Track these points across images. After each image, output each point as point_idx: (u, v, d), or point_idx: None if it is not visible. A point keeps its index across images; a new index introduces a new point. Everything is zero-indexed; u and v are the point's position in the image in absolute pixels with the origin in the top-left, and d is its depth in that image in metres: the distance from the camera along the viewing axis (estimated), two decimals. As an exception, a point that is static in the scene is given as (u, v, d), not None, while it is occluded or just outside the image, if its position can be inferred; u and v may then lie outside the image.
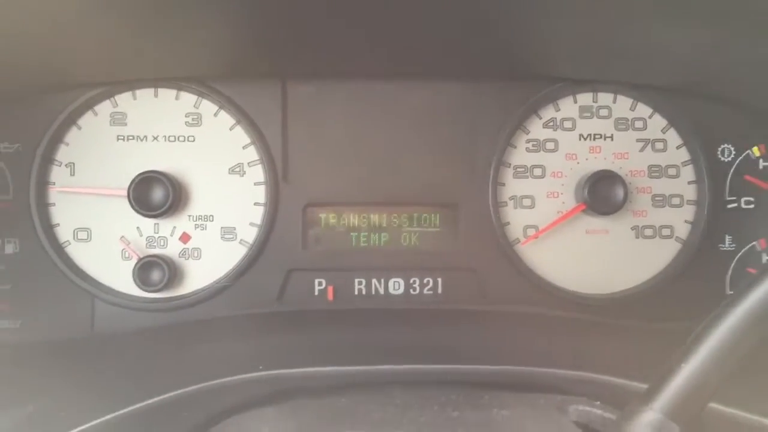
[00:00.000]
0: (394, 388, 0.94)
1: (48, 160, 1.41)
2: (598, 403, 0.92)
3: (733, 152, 1.45)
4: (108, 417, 0.81)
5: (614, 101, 1.46)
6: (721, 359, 0.74)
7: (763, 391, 0.96)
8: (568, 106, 1.46)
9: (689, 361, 0.75)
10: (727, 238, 1.45)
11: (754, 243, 1.45)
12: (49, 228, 1.41)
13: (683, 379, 0.75)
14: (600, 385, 1.01)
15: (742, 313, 0.77)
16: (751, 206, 1.45)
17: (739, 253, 1.44)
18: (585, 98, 1.46)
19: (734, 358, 0.75)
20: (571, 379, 1.03)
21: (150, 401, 0.81)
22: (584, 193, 1.40)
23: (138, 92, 1.42)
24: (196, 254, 1.43)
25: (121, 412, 0.82)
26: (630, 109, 1.46)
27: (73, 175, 1.41)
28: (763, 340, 0.75)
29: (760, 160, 1.45)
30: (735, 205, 1.45)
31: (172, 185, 1.37)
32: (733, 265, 1.44)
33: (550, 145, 1.46)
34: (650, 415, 0.74)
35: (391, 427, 0.80)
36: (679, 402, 0.74)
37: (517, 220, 1.45)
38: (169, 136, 1.42)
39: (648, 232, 1.45)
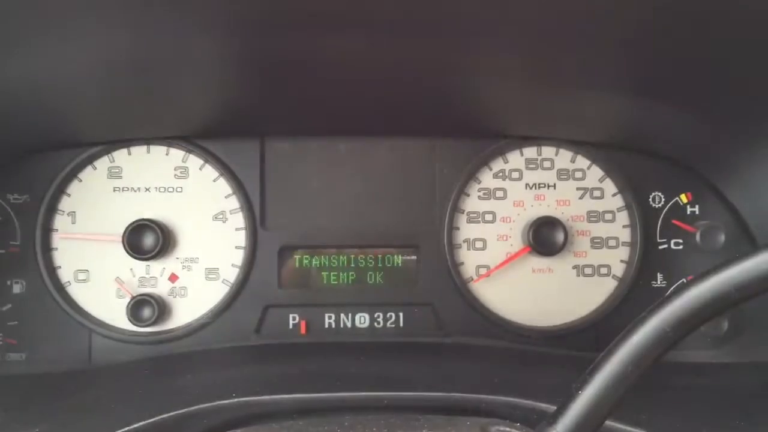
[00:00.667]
0: (346, 412, 1.10)
1: (52, 209, 1.55)
2: (518, 424, 1.07)
3: (663, 199, 1.60)
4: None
5: (556, 154, 1.62)
6: (611, 386, 0.91)
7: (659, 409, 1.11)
8: (515, 159, 1.62)
9: (586, 386, 0.91)
10: (659, 276, 1.60)
11: (683, 280, 1.59)
12: (52, 270, 1.55)
13: (580, 402, 0.91)
14: (532, 409, 1.17)
15: (628, 346, 0.94)
16: (680, 247, 1.60)
17: (670, 290, 1.59)
18: (530, 152, 1.62)
19: (623, 385, 0.91)
20: (506, 404, 1.18)
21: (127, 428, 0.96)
22: (529, 236, 1.56)
23: (133, 149, 1.58)
24: (183, 292, 1.58)
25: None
26: (570, 161, 1.62)
27: (74, 222, 1.56)
28: (647, 370, 0.91)
29: (687, 206, 1.60)
30: (665, 246, 1.60)
31: (162, 231, 1.53)
32: (664, 300, 1.60)
33: (499, 194, 1.62)
34: (553, 435, 0.90)
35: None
36: (577, 422, 0.90)
37: (470, 260, 1.61)
38: (159, 188, 1.58)
39: (588, 270, 1.61)
